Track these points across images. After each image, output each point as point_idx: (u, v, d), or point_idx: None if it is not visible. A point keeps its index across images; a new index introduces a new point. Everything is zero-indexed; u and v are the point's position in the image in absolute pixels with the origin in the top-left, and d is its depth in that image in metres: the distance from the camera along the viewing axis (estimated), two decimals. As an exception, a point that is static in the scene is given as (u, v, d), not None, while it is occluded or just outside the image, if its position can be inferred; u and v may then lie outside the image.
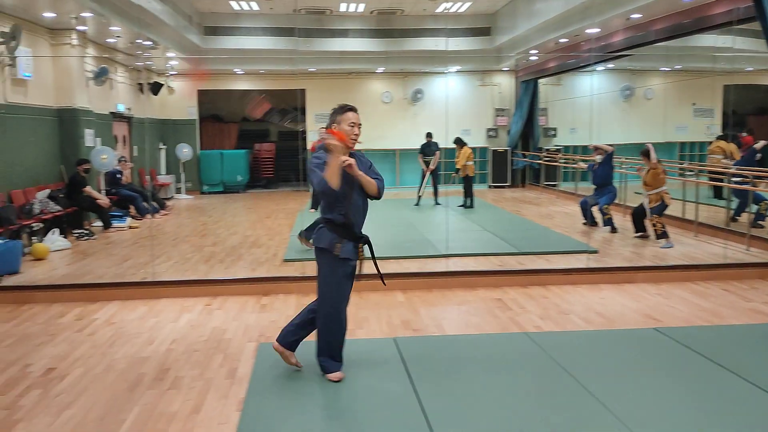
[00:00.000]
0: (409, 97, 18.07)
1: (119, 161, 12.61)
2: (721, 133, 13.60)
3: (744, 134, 12.27)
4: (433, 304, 6.48)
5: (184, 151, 16.93)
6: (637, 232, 9.57)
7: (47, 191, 10.23)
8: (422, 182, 13.79)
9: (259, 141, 19.98)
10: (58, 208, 10.09)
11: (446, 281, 7.12)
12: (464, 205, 13.30)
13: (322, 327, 4.37)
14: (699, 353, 4.82)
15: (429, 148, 13.72)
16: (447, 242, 8.37)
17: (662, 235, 8.86)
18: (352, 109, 4.29)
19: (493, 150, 18.15)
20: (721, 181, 10.85)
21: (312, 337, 4.49)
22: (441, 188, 14.08)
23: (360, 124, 4.29)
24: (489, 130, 18.47)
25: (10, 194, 9.49)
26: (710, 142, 13.40)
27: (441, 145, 13.59)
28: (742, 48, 12.14)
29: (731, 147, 12.07)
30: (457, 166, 13.42)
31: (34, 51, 10.32)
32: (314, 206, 12.84)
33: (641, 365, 4.65)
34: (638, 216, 9.48)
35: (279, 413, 3.94)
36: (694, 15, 9.90)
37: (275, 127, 20.56)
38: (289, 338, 4.50)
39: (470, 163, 13.34)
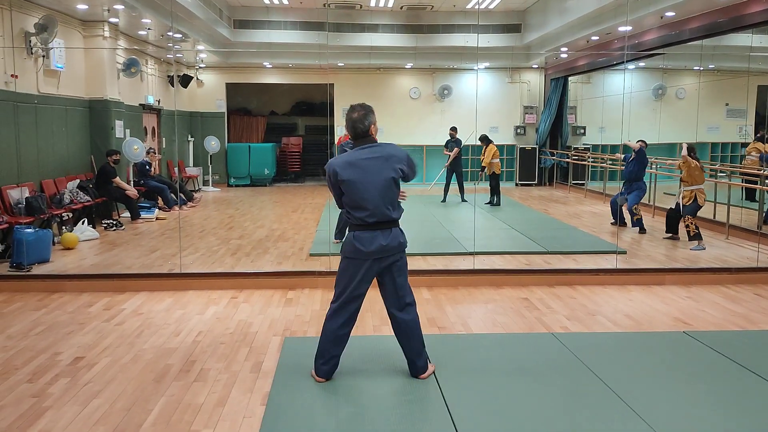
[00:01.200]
0: (436, 94, 17.99)
1: (148, 153, 12.72)
2: (759, 135, 13.35)
3: None
4: (459, 302, 6.45)
5: (212, 144, 17.03)
6: (667, 232, 9.43)
7: (77, 181, 10.36)
8: (447, 180, 13.76)
9: (286, 135, 20.04)
10: (88, 198, 10.21)
11: (472, 279, 7.08)
12: (491, 203, 13.23)
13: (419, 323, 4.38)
14: (731, 359, 4.73)
15: (450, 143, 13.66)
16: (474, 240, 8.32)
17: (695, 236, 8.70)
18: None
19: (521, 148, 18.01)
20: (756, 183, 10.65)
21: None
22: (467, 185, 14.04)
23: None
24: (517, 127, 18.32)
25: (41, 184, 9.63)
26: (742, 144, 13.17)
27: (470, 142, 13.52)
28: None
29: None
30: (483, 164, 13.35)
31: (66, 42, 10.46)
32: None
33: (671, 369, 4.58)
34: (673, 216, 9.32)
35: (303, 408, 3.94)
36: (730, 14, 9.70)
37: (303, 120, 20.62)
38: (334, 369, 4.36)
39: (496, 160, 13.25)
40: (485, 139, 13.30)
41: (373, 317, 5.80)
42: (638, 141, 10.23)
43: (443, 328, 5.62)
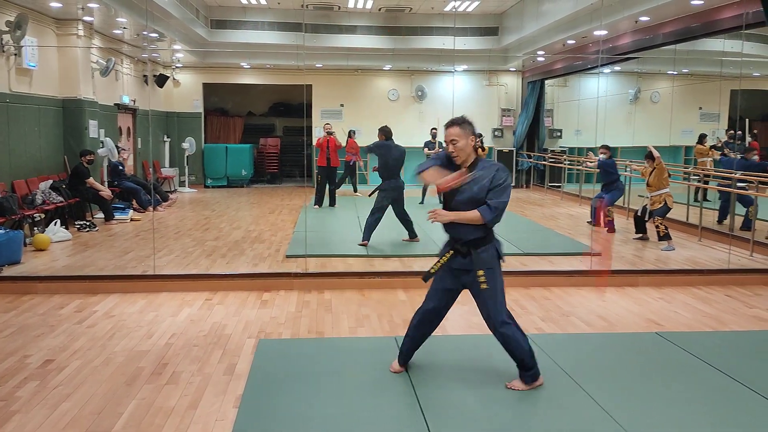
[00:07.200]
0: (414, 95, 18.02)
1: (119, 152, 12.53)
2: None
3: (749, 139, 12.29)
4: (435, 303, 6.44)
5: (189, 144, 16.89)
6: (637, 233, 9.59)
7: (50, 182, 10.20)
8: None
9: (264, 136, 19.95)
10: (61, 198, 10.07)
11: (448, 281, 7.07)
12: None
13: (522, 334, 4.26)
14: (701, 359, 4.79)
15: (430, 143, 13.71)
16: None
17: (665, 237, 8.86)
18: (449, 124, 4.08)
19: (498, 150, 18.10)
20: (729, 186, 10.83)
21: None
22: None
23: (455, 140, 4.02)
24: (495, 130, 18.42)
25: (13, 184, 9.48)
26: (715, 146, 13.43)
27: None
28: (750, 53, 12.07)
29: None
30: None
31: (39, 41, 10.30)
32: (318, 203, 12.85)
33: (643, 369, 4.62)
34: (640, 218, 9.52)
35: (277, 410, 3.91)
36: (702, 19, 9.84)
37: (280, 121, 20.55)
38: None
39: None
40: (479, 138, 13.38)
41: (348, 318, 5.78)
42: (601, 150, 10.39)
43: (418, 329, 5.61)
